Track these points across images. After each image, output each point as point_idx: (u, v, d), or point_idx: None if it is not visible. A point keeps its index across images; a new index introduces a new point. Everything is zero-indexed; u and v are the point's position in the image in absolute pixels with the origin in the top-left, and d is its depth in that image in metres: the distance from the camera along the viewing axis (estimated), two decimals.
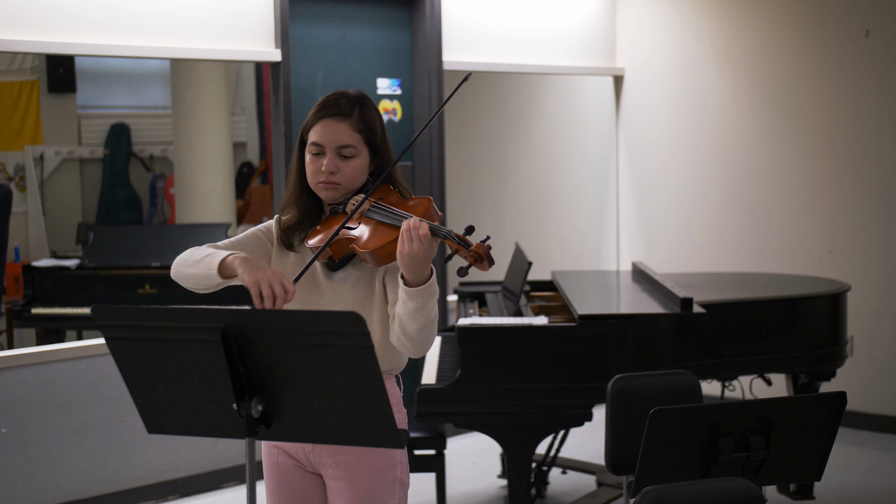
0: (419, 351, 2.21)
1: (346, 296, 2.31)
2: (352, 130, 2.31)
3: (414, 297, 2.13)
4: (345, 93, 2.36)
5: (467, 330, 3.59)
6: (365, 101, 2.37)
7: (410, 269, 2.11)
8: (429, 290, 2.13)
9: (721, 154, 6.08)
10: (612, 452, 3.14)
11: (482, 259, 2.11)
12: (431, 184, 5.54)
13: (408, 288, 2.13)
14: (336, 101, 2.33)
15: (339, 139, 2.30)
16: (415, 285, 2.13)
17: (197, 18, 4.69)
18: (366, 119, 2.34)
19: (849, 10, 5.53)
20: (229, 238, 2.42)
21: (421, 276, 2.13)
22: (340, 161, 2.31)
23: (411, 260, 2.10)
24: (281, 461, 2.42)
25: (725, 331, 3.96)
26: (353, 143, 2.31)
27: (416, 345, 2.19)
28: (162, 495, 4.69)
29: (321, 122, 2.32)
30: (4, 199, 5.02)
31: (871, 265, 5.51)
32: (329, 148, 2.31)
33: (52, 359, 4.42)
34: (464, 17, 5.68)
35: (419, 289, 2.12)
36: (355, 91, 2.38)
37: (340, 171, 2.31)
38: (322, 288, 2.35)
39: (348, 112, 2.32)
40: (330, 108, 2.32)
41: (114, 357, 2.03)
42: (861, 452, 5.18)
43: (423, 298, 2.13)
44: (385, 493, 2.34)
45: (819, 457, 2.54)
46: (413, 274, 2.12)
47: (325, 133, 2.31)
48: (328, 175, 2.30)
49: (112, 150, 7.91)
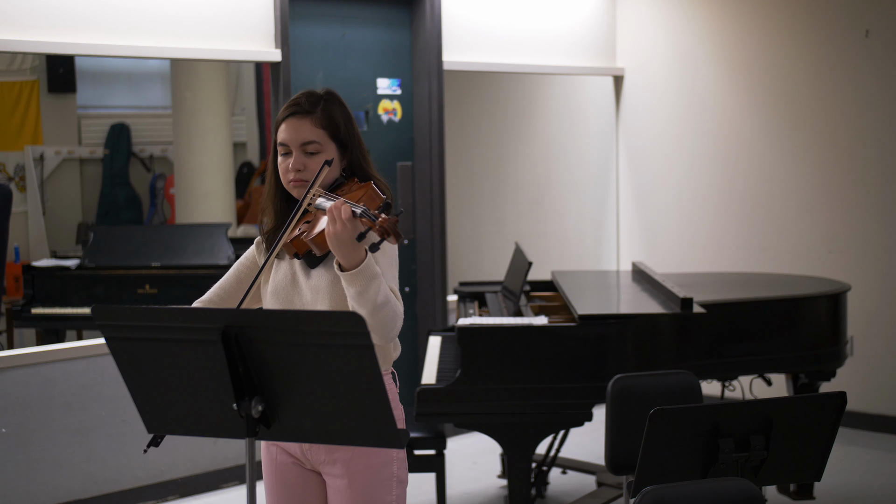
0: (382, 337, 2.20)
1: (324, 294, 2.32)
2: (314, 126, 2.34)
3: (352, 282, 2.15)
4: (310, 91, 2.39)
5: (467, 330, 3.59)
6: (330, 97, 2.39)
7: (340, 251, 2.14)
8: (364, 272, 2.15)
9: (721, 154, 6.08)
10: (612, 452, 3.14)
11: (388, 233, 2.11)
12: (431, 184, 5.54)
13: (344, 274, 2.16)
14: (297, 100, 2.37)
15: (301, 136, 2.33)
16: (349, 269, 2.15)
17: (197, 18, 4.69)
18: (328, 114, 2.36)
19: (849, 10, 5.53)
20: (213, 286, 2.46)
21: (352, 259, 2.15)
22: (306, 158, 2.34)
23: (337, 241, 2.13)
24: (280, 459, 2.42)
25: (725, 331, 3.96)
26: (317, 138, 2.34)
27: (375, 330, 2.17)
28: (162, 495, 4.69)
29: (285, 121, 2.36)
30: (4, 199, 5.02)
31: (871, 265, 5.50)
32: (293, 145, 2.34)
33: (52, 359, 4.42)
34: (464, 17, 5.68)
35: (354, 272, 2.14)
36: (323, 89, 2.41)
37: (307, 167, 2.33)
38: (302, 287, 2.36)
39: (309, 109, 2.35)
40: (292, 106, 2.36)
41: (114, 357, 2.03)
42: (861, 452, 5.18)
43: (362, 282, 2.14)
44: (382, 489, 2.34)
45: (819, 457, 2.54)
46: (345, 257, 2.14)
47: (289, 131, 2.34)
48: (296, 172, 2.33)
49: (112, 150, 7.91)
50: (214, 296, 2.46)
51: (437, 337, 4.37)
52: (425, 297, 5.61)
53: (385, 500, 2.35)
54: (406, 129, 5.60)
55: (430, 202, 5.56)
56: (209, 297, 2.46)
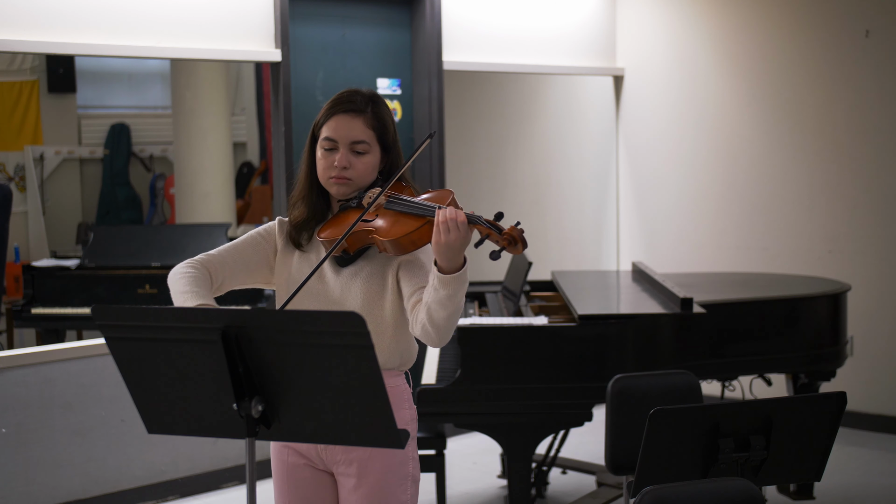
0: (443, 339, 2.21)
1: (356, 290, 2.32)
2: (365, 127, 2.34)
3: (447, 285, 2.14)
4: (359, 90, 2.39)
5: (467, 330, 3.59)
6: (378, 99, 2.40)
7: (447, 257, 2.13)
8: (461, 277, 2.15)
9: (721, 154, 6.08)
10: (612, 452, 3.14)
11: (516, 242, 2.12)
12: (432, 184, 5.54)
13: (442, 275, 2.14)
14: (350, 97, 2.36)
15: (352, 134, 2.33)
16: (450, 272, 2.14)
17: (197, 18, 4.69)
18: (379, 116, 2.36)
19: (849, 10, 5.53)
20: (226, 243, 2.42)
21: (455, 264, 2.14)
22: (353, 157, 2.33)
23: (448, 248, 2.12)
24: (291, 460, 2.41)
25: (725, 331, 3.96)
26: (366, 139, 2.34)
27: (441, 333, 2.19)
28: (162, 495, 4.69)
29: (335, 117, 2.34)
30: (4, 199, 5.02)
31: (871, 265, 5.51)
32: (342, 143, 2.33)
33: (52, 359, 4.41)
34: (464, 17, 5.68)
35: (453, 276, 2.13)
36: (367, 90, 2.42)
37: (353, 166, 2.33)
38: (330, 283, 2.35)
39: (362, 108, 2.34)
40: (344, 103, 2.35)
41: (114, 357, 2.03)
42: (861, 452, 5.17)
43: (456, 286, 2.14)
44: (398, 488, 2.35)
45: (819, 457, 2.54)
46: (448, 262, 2.13)
47: (339, 128, 2.33)
48: (341, 170, 2.32)
49: (112, 150, 7.91)
50: (230, 259, 2.37)
51: None
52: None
53: (401, 500, 2.35)
54: (406, 129, 5.60)
55: None
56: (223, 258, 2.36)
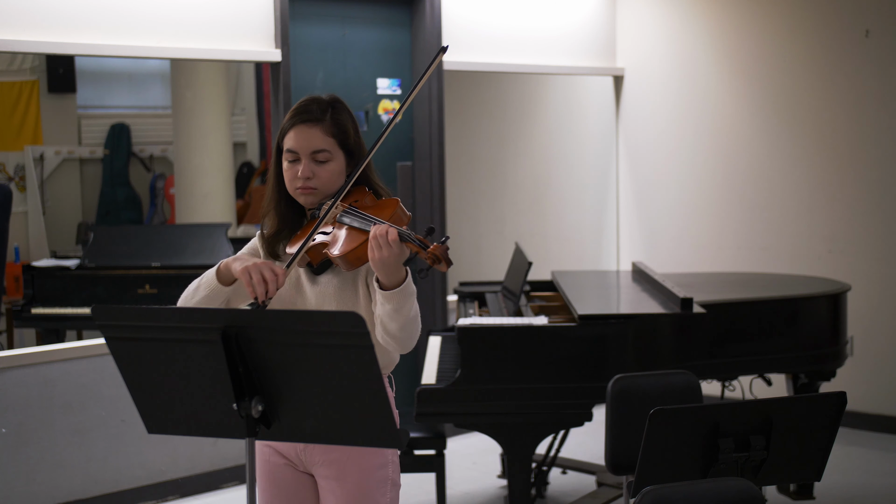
0: (404, 347, 2.24)
1: (330, 300, 2.33)
2: (324, 135, 2.34)
3: (390, 300, 2.16)
4: (317, 98, 2.39)
5: (467, 330, 3.59)
6: (337, 104, 2.40)
7: (383, 273, 2.15)
8: (404, 291, 2.16)
9: (721, 154, 6.08)
10: (612, 452, 3.14)
11: (439, 260, 2.12)
12: (431, 184, 5.54)
13: (383, 291, 2.17)
14: (307, 106, 2.36)
15: (312, 144, 2.33)
16: (390, 288, 2.16)
17: (197, 18, 4.69)
18: (338, 122, 2.36)
19: (849, 10, 5.53)
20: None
21: (396, 279, 2.16)
22: (315, 166, 2.34)
23: (383, 265, 2.13)
24: (273, 461, 2.42)
25: (725, 331, 3.96)
26: (327, 147, 2.34)
27: (401, 342, 2.23)
28: (162, 495, 4.69)
29: (294, 128, 2.35)
30: (4, 199, 5.03)
31: (871, 265, 5.50)
32: (303, 153, 2.33)
33: (52, 359, 4.42)
34: (464, 17, 5.68)
35: (394, 291, 2.16)
36: (328, 95, 2.41)
37: (316, 175, 2.33)
38: (307, 293, 2.36)
39: (320, 117, 2.35)
40: (302, 113, 2.35)
41: (114, 357, 2.03)
42: (861, 452, 5.17)
43: (399, 300, 2.16)
44: (376, 492, 2.34)
45: (819, 457, 2.54)
46: (387, 277, 2.15)
47: (299, 139, 2.33)
48: (304, 180, 2.33)
49: (112, 150, 7.91)
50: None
51: (437, 337, 4.37)
52: (425, 298, 5.61)
53: (379, 503, 2.35)
54: (406, 129, 5.60)
55: (429, 202, 5.56)
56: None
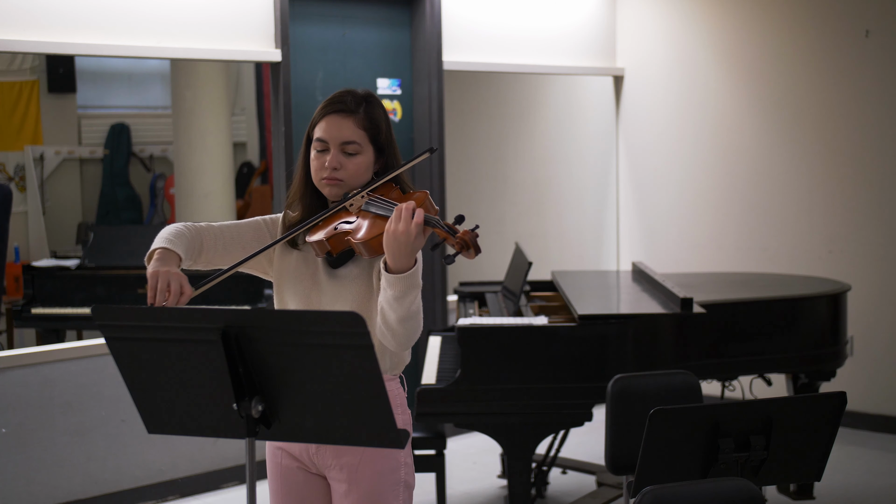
0: (400, 344, 2.20)
1: (347, 293, 2.31)
2: (356, 127, 2.32)
3: (394, 285, 2.12)
4: (352, 91, 2.37)
5: (467, 330, 3.59)
6: (371, 99, 2.37)
7: (394, 251, 2.11)
8: (410, 279, 2.12)
9: (721, 154, 6.08)
10: (612, 452, 3.14)
11: (468, 246, 2.10)
12: (431, 184, 5.54)
13: (388, 274, 2.13)
14: (342, 97, 2.34)
15: (342, 135, 2.31)
16: (396, 272, 2.12)
17: (197, 18, 4.69)
18: (371, 116, 2.34)
19: (849, 10, 5.53)
20: (232, 229, 2.41)
21: (404, 264, 2.12)
22: (344, 157, 2.31)
23: (395, 241, 2.10)
24: (285, 463, 2.41)
25: (725, 331, 3.96)
26: (357, 139, 2.32)
27: (397, 337, 2.18)
28: (162, 495, 4.69)
29: (326, 118, 2.33)
30: (4, 199, 5.02)
31: (871, 265, 5.50)
32: (333, 144, 2.31)
33: (52, 359, 4.42)
34: (464, 17, 5.68)
35: (400, 276, 2.11)
36: (363, 90, 2.39)
37: (343, 167, 2.31)
38: (323, 285, 2.34)
39: (353, 109, 2.32)
40: (335, 104, 2.33)
41: (114, 357, 2.03)
42: (861, 452, 5.18)
43: (404, 287, 2.12)
44: (389, 495, 2.32)
45: (819, 457, 2.54)
46: (395, 259, 2.11)
47: (330, 129, 2.31)
48: (331, 171, 2.31)
49: (112, 150, 7.91)
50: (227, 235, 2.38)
51: (438, 337, 4.37)
52: (425, 297, 5.60)
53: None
54: (406, 129, 5.60)
55: None
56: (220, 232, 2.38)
